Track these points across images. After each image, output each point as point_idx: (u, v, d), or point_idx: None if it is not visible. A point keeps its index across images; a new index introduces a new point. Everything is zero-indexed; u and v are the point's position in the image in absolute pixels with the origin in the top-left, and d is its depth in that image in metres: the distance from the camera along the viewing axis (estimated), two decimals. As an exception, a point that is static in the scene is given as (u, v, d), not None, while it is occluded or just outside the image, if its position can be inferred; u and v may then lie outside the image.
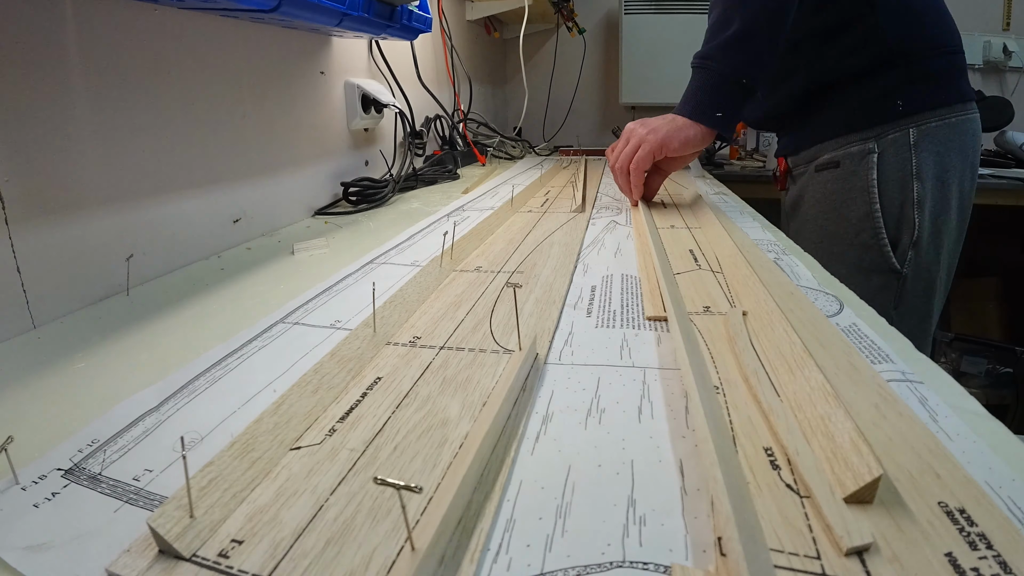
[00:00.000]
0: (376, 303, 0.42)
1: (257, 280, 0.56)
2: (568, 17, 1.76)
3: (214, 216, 0.65)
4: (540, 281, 0.50)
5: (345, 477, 0.25)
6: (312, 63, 0.84)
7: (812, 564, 0.20)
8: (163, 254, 0.57)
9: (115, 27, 0.51)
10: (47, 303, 0.45)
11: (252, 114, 0.71)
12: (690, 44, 1.90)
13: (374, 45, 1.02)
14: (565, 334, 0.40)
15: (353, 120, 0.94)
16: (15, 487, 0.26)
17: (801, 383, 0.31)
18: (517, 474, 0.26)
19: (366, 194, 0.88)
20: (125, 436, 0.29)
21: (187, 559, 0.21)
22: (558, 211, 0.81)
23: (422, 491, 0.20)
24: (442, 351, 0.38)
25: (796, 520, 0.22)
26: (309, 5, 0.60)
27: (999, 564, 0.20)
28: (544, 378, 0.34)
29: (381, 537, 0.22)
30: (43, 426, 0.31)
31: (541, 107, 1.90)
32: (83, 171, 0.49)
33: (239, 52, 0.68)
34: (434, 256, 0.58)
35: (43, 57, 0.45)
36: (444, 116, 1.33)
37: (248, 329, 0.42)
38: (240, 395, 0.33)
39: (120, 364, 0.38)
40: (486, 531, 0.22)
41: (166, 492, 0.25)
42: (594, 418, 0.30)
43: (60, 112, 0.46)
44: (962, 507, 0.22)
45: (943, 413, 0.29)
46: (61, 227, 0.47)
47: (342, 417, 0.30)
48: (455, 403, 0.31)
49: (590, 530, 0.22)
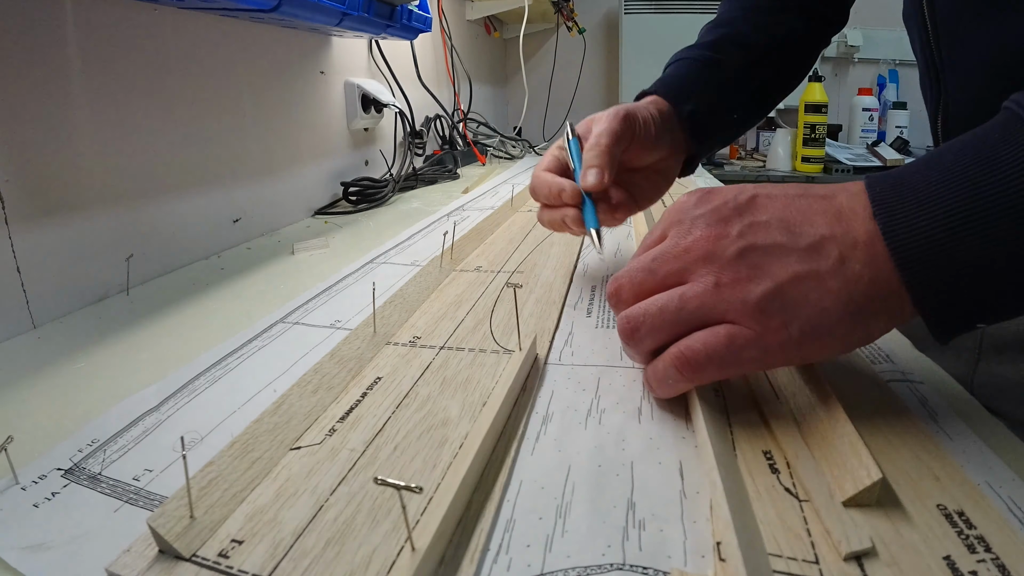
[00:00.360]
0: (376, 303, 0.42)
1: (257, 280, 0.56)
2: (568, 17, 1.76)
3: (214, 216, 0.65)
4: (540, 281, 0.50)
5: (345, 477, 0.25)
6: (312, 63, 0.84)
7: (811, 569, 0.20)
8: (163, 254, 0.57)
9: (115, 27, 0.51)
10: (47, 303, 0.45)
11: (252, 114, 0.70)
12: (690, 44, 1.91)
13: (374, 45, 1.02)
14: (565, 334, 0.40)
15: (353, 120, 0.94)
16: (15, 487, 0.26)
17: (800, 385, 0.31)
18: (517, 474, 0.26)
19: (366, 194, 0.88)
20: (125, 436, 0.29)
21: (187, 559, 0.21)
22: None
23: (422, 491, 0.20)
24: (442, 351, 0.38)
25: (795, 524, 0.22)
26: (309, 5, 0.60)
27: (997, 567, 0.20)
28: (544, 378, 0.34)
29: (381, 537, 0.22)
30: (43, 426, 0.31)
31: (541, 107, 1.90)
32: (83, 171, 0.49)
33: (239, 52, 0.68)
34: (434, 256, 0.58)
35: (43, 57, 0.45)
36: (444, 116, 1.33)
37: (248, 329, 0.42)
38: (240, 395, 0.33)
39: (120, 364, 0.38)
40: (486, 531, 0.22)
41: (166, 492, 0.25)
42: (594, 418, 0.30)
43: (60, 112, 0.46)
44: (961, 509, 0.22)
45: (943, 413, 0.29)
46: (61, 227, 0.47)
47: (342, 417, 0.30)
48: (455, 403, 0.31)
49: (590, 531, 0.22)
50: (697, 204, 0.30)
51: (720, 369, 0.27)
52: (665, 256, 0.29)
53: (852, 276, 0.25)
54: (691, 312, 0.27)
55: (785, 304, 0.26)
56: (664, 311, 0.28)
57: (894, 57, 1.98)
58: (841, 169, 1.53)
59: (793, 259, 0.26)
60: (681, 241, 0.29)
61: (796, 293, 0.26)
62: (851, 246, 0.25)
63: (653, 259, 0.29)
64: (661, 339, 0.28)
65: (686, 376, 0.27)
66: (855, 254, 0.25)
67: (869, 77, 2.03)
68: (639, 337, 0.29)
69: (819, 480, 0.24)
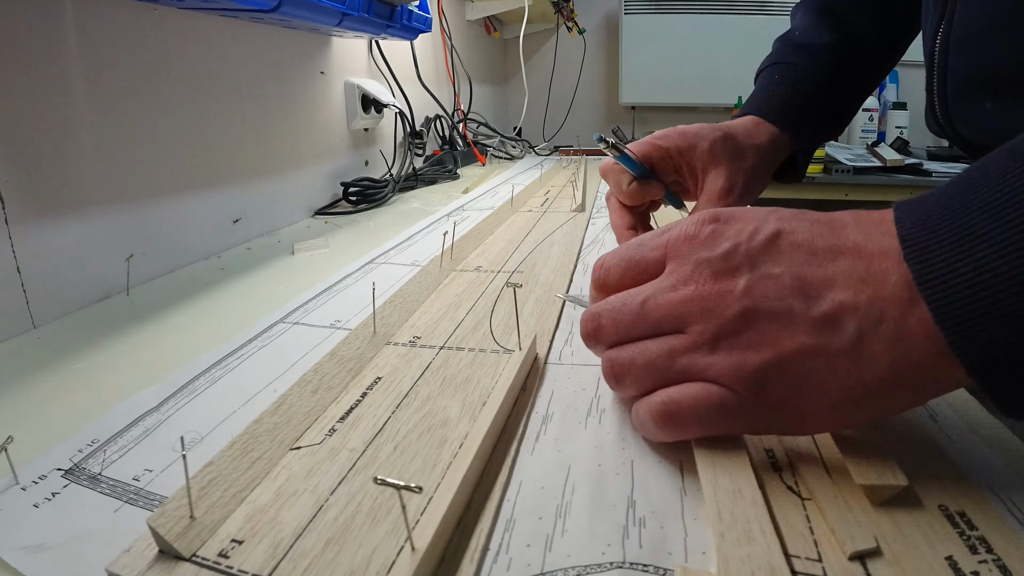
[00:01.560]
0: (376, 303, 0.42)
1: (257, 280, 0.56)
2: (568, 17, 1.76)
3: (214, 216, 0.65)
4: (540, 281, 0.50)
5: (345, 477, 0.25)
6: (312, 63, 0.84)
7: (814, 567, 0.20)
8: (163, 254, 0.57)
9: (115, 27, 0.51)
10: (47, 303, 0.45)
11: (252, 114, 0.70)
12: (690, 44, 1.92)
13: (374, 45, 1.02)
14: (565, 334, 0.40)
15: (353, 120, 0.94)
16: (15, 487, 0.26)
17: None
18: (517, 474, 0.26)
19: (366, 194, 0.88)
20: (125, 436, 0.29)
21: (187, 559, 0.21)
22: (558, 210, 0.81)
23: (422, 491, 0.20)
24: (442, 351, 0.38)
25: (797, 522, 0.22)
26: (309, 5, 0.60)
27: (999, 568, 0.20)
28: (544, 378, 0.34)
29: (381, 537, 0.22)
30: (43, 426, 0.31)
31: (541, 107, 1.90)
32: (83, 171, 0.49)
33: (239, 52, 0.68)
34: (434, 256, 0.58)
35: (43, 57, 0.45)
36: (444, 116, 1.33)
37: (248, 329, 0.42)
38: (240, 395, 0.33)
39: (120, 364, 0.38)
40: (486, 531, 0.22)
41: (166, 492, 0.25)
42: (594, 418, 0.30)
43: (60, 112, 0.46)
44: (962, 510, 0.22)
45: (943, 414, 0.29)
46: (61, 227, 0.47)
47: (342, 417, 0.30)
48: (455, 403, 0.31)
49: (590, 530, 0.22)
50: (707, 242, 0.25)
51: (702, 429, 0.25)
52: (658, 302, 0.25)
53: (868, 358, 0.21)
54: (680, 368, 0.24)
55: (783, 378, 0.23)
56: (651, 365, 0.25)
57: (894, 57, 1.98)
58: (841, 169, 1.53)
59: (802, 330, 0.22)
60: (680, 287, 0.25)
61: (798, 369, 0.22)
62: (875, 320, 0.21)
63: (644, 301, 0.26)
64: (645, 389, 0.26)
65: (665, 431, 0.25)
66: (878, 331, 0.21)
67: (869, 77, 2.02)
68: (623, 385, 0.26)
69: (823, 479, 0.24)
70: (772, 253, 0.24)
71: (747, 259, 0.24)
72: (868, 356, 0.21)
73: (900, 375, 0.21)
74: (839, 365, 0.22)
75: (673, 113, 2.02)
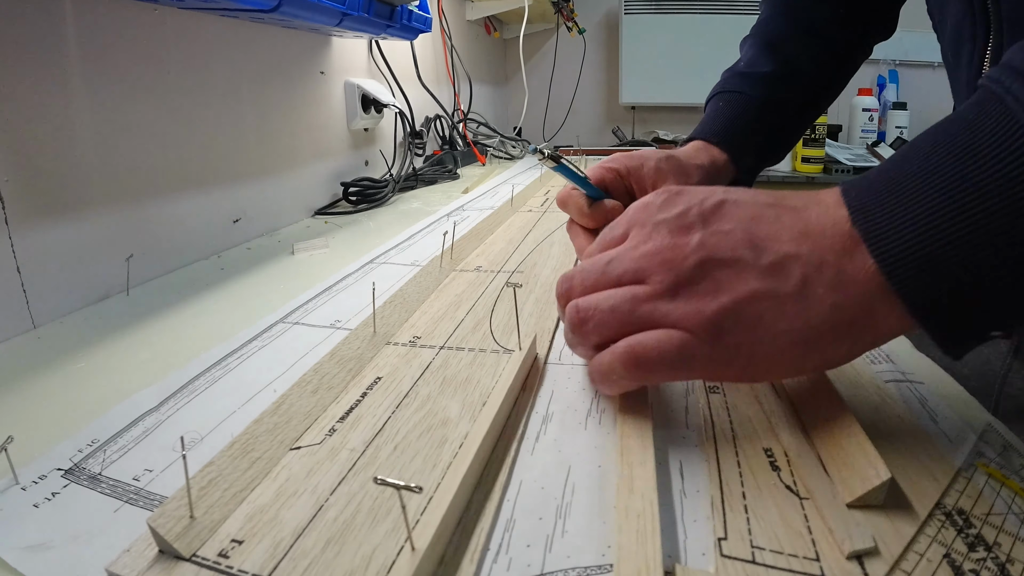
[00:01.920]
0: (376, 303, 0.42)
1: (257, 280, 0.56)
2: (568, 17, 1.76)
3: (214, 216, 0.65)
4: (540, 281, 0.50)
5: (345, 477, 0.25)
6: (312, 63, 0.84)
7: (811, 566, 0.20)
8: (163, 254, 0.57)
9: (115, 27, 0.51)
10: (47, 303, 0.45)
11: (252, 114, 0.70)
12: (690, 44, 1.91)
13: (374, 45, 1.02)
14: (565, 334, 0.40)
15: (353, 120, 0.94)
16: (15, 487, 0.26)
17: (801, 382, 0.31)
18: (517, 474, 0.26)
19: (366, 194, 0.88)
20: (125, 436, 0.29)
21: (187, 559, 0.21)
22: (558, 210, 0.81)
23: (422, 491, 0.20)
24: (442, 351, 0.38)
25: (795, 522, 0.22)
26: (309, 5, 0.60)
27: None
28: (544, 378, 0.34)
29: (381, 537, 0.22)
30: (43, 426, 0.31)
31: (541, 107, 1.90)
32: (83, 171, 0.49)
33: (239, 52, 0.68)
34: (434, 256, 0.58)
35: (43, 57, 0.45)
36: (444, 116, 1.33)
37: (248, 329, 0.42)
38: (240, 395, 0.33)
39: (120, 364, 0.38)
40: (486, 531, 0.22)
41: (166, 492, 0.25)
42: (594, 418, 0.30)
43: (60, 112, 0.46)
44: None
45: (943, 414, 0.29)
46: (61, 227, 0.47)
47: (342, 417, 0.30)
48: (455, 403, 0.31)
49: (590, 531, 0.22)
50: (662, 207, 0.28)
51: (668, 373, 0.26)
52: (622, 258, 0.28)
53: (813, 300, 0.24)
54: (643, 314, 0.26)
55: (739, 322, 0.24)
56: (616, 309, 0.27)
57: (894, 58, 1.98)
58: (841, 169, 1.53)
59: (753, 276, 0.24)
60: (641, 245, 0.27)
61: (752, 312, 0.24)
62: (816, 267, 0.24)
63: (609, 261, 0.28)
64: (608, 336, 0.27)
65: (632, 374, 0.26)
66: (820, 276, 0.24)
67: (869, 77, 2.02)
68: (586, 330, 0.28)
69: (821, 478, 0.24)
70: (721, 213, 0.27)
71: (700, 218, 0.27)
72: (813, 298, 0.24)
73: (842, 317, 0.24)
74: (788, 308, 0.24)
75: (673, 113, 2.01)
